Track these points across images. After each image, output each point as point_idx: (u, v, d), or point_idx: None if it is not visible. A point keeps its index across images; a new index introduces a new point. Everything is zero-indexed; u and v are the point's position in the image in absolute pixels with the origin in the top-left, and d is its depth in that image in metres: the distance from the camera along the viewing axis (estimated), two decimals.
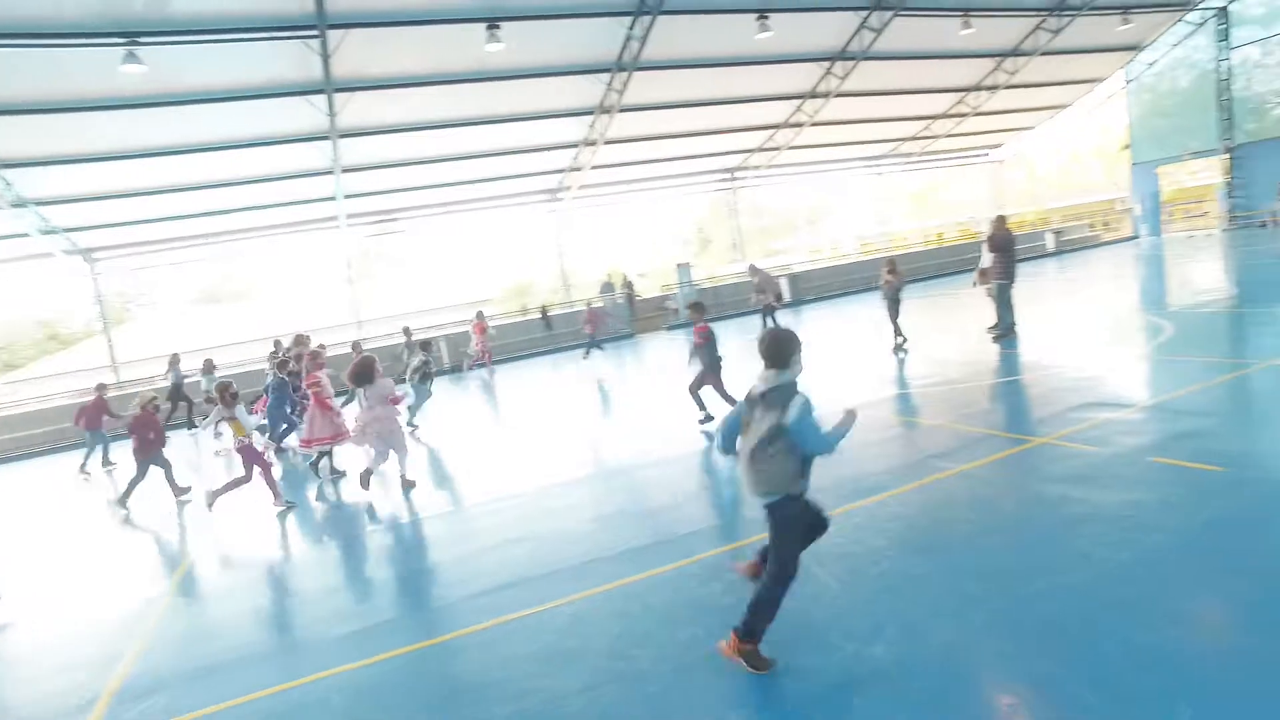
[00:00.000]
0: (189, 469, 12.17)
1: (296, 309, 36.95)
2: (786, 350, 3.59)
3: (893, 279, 12.38)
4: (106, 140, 15.95)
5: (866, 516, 5.36)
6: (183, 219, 20.30)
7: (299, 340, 12.71)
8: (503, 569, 5.56)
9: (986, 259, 12.29)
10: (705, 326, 8.80)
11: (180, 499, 9.60)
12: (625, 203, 28.85)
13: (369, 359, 8.52)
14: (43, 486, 13.76)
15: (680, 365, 9.31)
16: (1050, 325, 13.19)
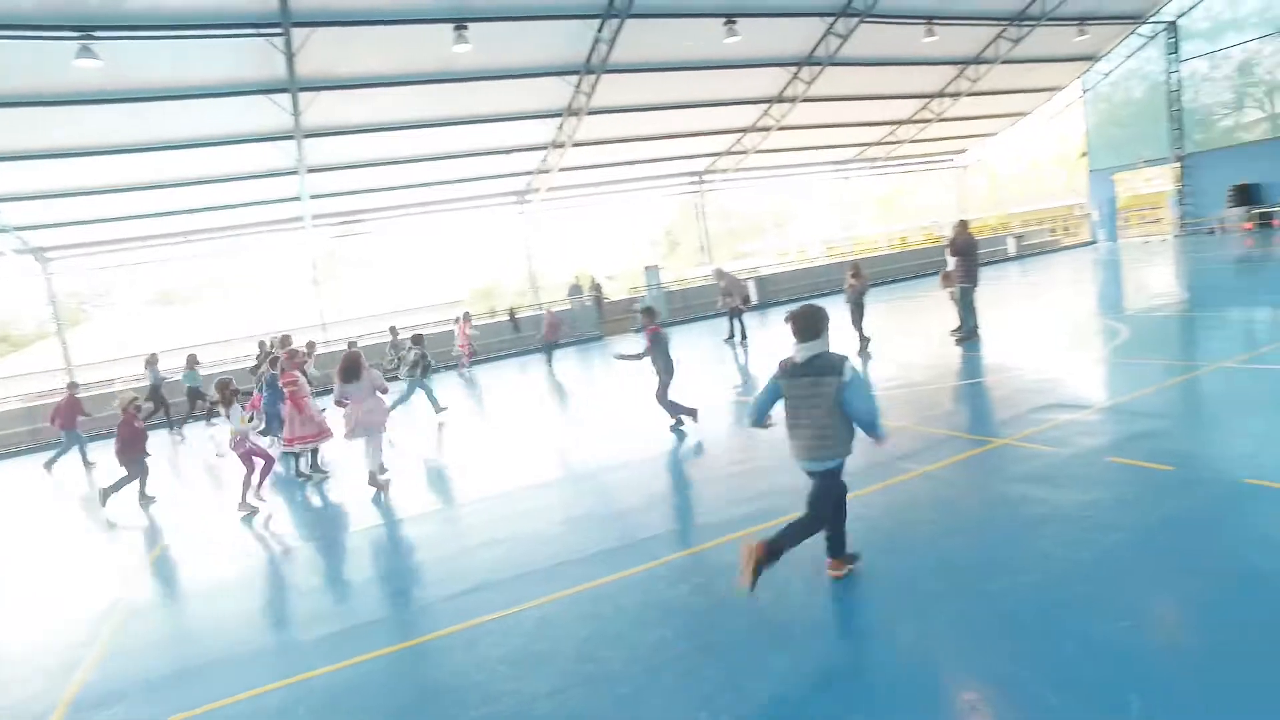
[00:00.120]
0: (170, 470, 11.98)
1: (260, 310, 36.27)
2: (818, 323, 4.04)
3: (856, 283, 12.52)
4: (60, 137, 15.44)
5: None
6: (141, 218, 19.74)
7: (283, 340, 12.76)
8: (474, 571, 5.53)
9: (950, 263, 12.53)
10: (656, 328, 8.81)
11: (143, 504, 9.44)
12: (594, 205, 28.80)
13: (355, 354, 8.57)
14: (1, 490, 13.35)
15: (634, 367, 9.35)
16: (1012, 328, 13.50)
